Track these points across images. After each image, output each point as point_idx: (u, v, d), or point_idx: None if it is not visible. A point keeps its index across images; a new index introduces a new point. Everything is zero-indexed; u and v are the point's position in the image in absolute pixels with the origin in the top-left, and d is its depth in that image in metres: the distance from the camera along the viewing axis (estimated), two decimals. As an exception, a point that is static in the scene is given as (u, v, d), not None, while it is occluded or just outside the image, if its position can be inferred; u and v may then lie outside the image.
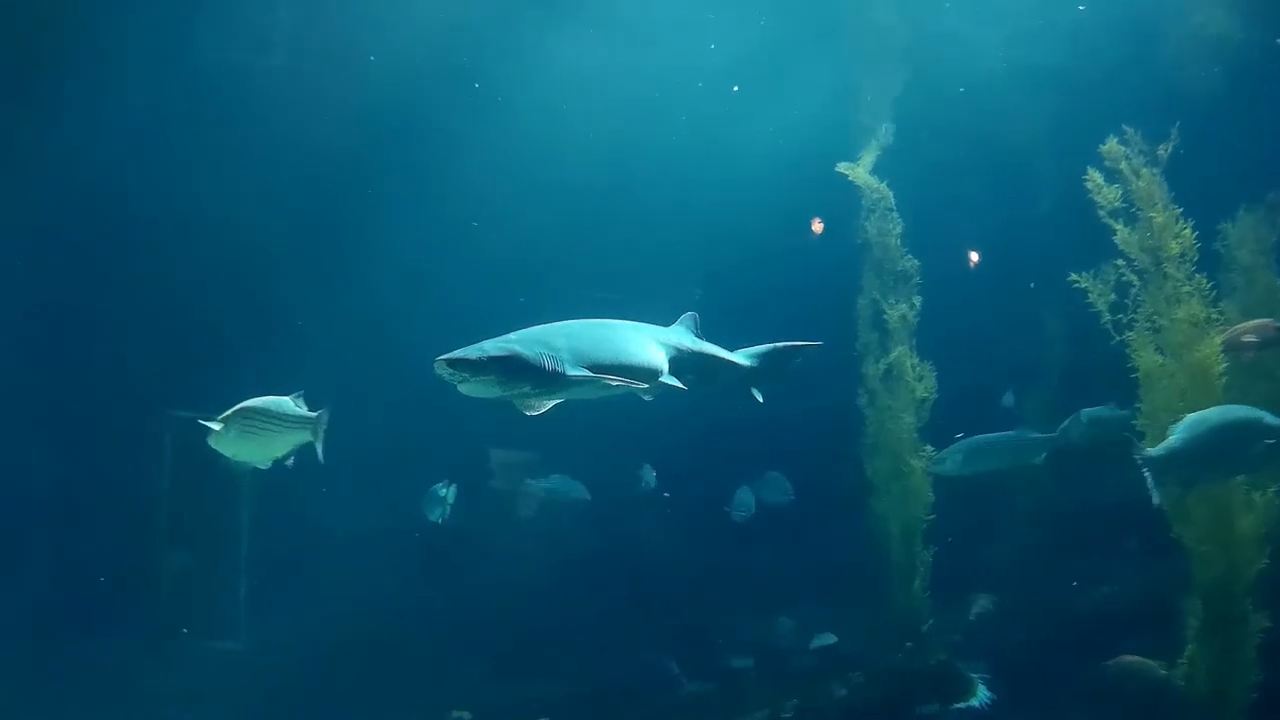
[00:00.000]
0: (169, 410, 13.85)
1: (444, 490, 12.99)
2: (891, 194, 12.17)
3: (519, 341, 7.41)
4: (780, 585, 13.90)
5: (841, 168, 12.23)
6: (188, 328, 13.19)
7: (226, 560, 14.20)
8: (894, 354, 12.10)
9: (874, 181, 12.19)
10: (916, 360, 12.03)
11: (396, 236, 13.41)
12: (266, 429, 7.86)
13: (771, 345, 9.32)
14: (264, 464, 8.17)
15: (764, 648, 13.62)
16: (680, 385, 8.32)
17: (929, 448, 11.94)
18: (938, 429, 12.02)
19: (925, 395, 11.98)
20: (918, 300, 12.09)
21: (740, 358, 9.20)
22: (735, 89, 14.21)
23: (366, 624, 13.24)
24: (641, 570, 14.14)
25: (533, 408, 7.60)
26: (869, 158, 12.25)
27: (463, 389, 7.21)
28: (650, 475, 14.19)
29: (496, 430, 13.81)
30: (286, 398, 7.95)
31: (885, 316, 12.16)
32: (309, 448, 8.10)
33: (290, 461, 8.21)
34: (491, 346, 7.30)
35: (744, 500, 13.78)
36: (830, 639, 13.14)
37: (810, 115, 13.09)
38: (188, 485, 13.98)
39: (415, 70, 13.21)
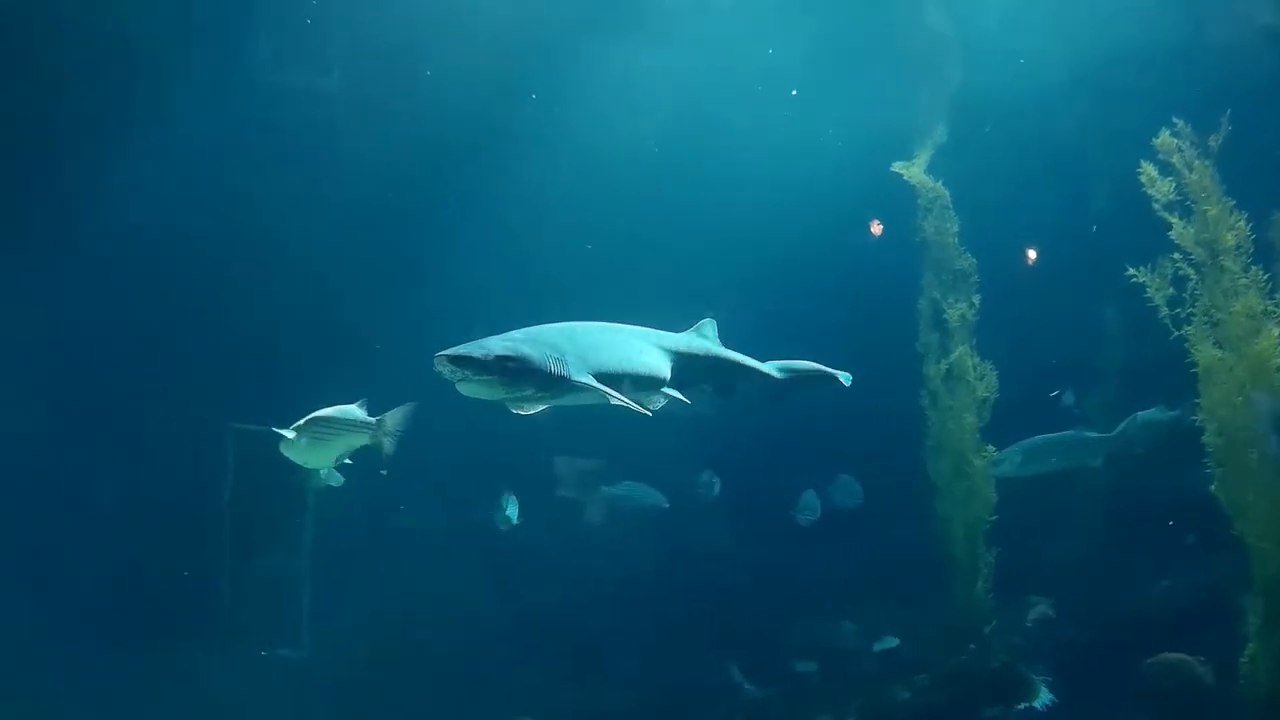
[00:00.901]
0: (232, 423, 14.46)
1: (509, 499, 13.36)
2: (948, 192, 12.50)
3: (525, 342, 7.21)
4: (843, 587, 14.17)
5: (897, 167, 12.59)
6: (252, 342, 13.70)
7: (289, 568, 14.68)
8: (955, 354, 12.40)
9: (929, 180, 12.54)
10: (977, 360, 12.33)
11: (455, 249, 13.83)
12: (334, 436, 8.24)
13: (803, 364, 9.22)
14: (327, 467, 8.62)
15: (827, 651, 13.90)
16: (682, 397, 8.09)
17: (990, 448, 12.23)
18: (999, 428, 12.30)
19: (986, 395, 12.28)
20: (977, 299, 12.39)
21: (770, 368, 9.06)
22: (794, 93, 14.55)
23: (430, 632, 13.65)
24: (704, 575, 14.46)
25: (523, 408, 7.50)
26: (924, 157, 12.62)
27: (462, 388, 7.02)
28: (713, 481, 14.62)
29: (561, 436, 14.28)
30: (353, 405, 8.29)
31: (945, 316, 12.46)
32: (375, 456, 8.36)
33: (348, 461, 8.57)
34: (497, 345, 7.10)
35: (809, 503, 14.10)
36: (893, 641, 13.36)
37: (865, 116, 13.44)
38: (250, 495, 14.47)
39: (473, 84, 13.67)
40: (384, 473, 8.35)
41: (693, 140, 14.18)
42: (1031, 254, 14.90)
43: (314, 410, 8.27)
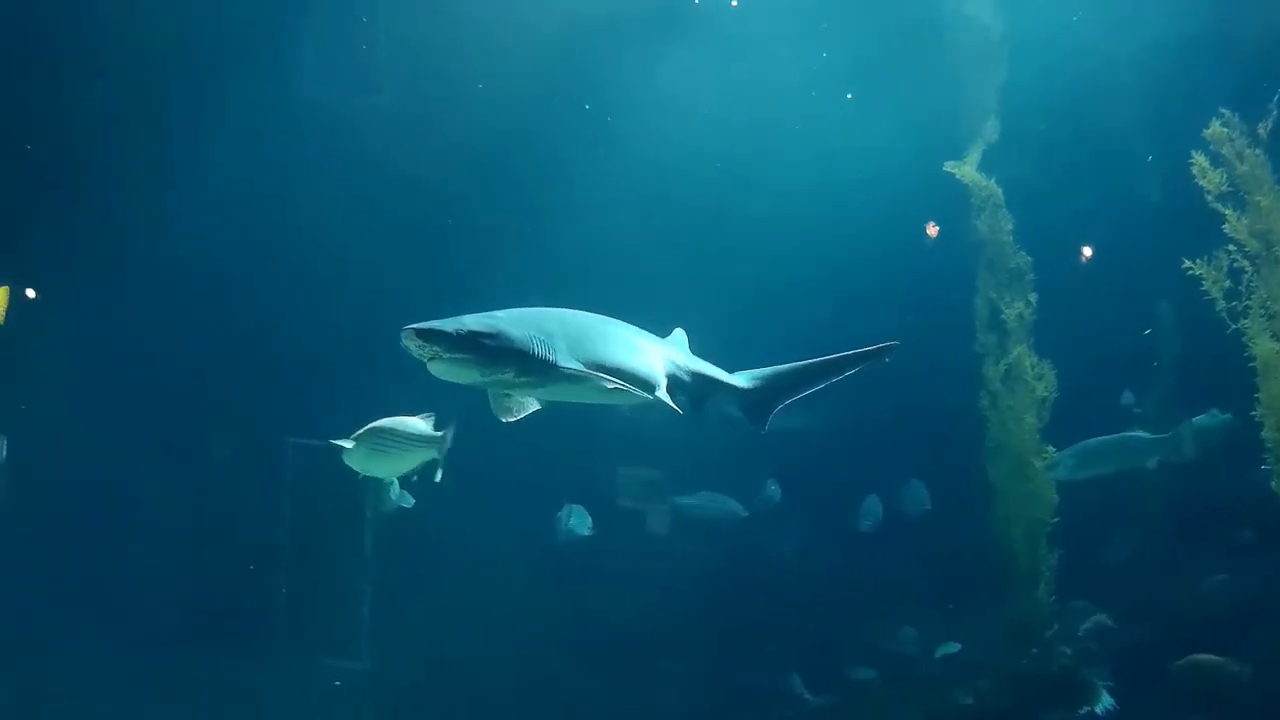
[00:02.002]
0: (289, 437, 15.20)
1: (573, 510, 13.91)
2: (1000, 190, 12.79)
3: (508, 320, 6.79)
4: (903, 592, 14.49)
5: (949, 167, 12.90)
6: (306, 358, 14.30)
7: (348, 580, 15.28)
8: (1013, 353, 12.63)
9: (982, 179, 12.84)
10: (1035, 359, 12.55)
11: (505, 262, 14.12)
12: (394, 447, 8.46)
13: (778, 368, 8.53)
14: (391, 479, 8.92)
15: (887, 656, 14.17)
16: (675, 406, 7.79)
17: (1050, 449, 12.44)
18: (1059, 428, 12.53)
19: (1045, 394, 12.49)
20: (1033, 298, 12.63)
21: (740, 380, 8.49)
22: (849, 96, 14.96)
23: (491, 643, 14.14)
24: (765, 583, 14.89)
25: (510, 410, 7.18)
26: (975, 155, 12.93)
27: (433, 369, 6.65)
28: (774, 489, 15.03)
29: (623, 446, 14.77)
30: (415, 418, 8.51)
31: (1002, 316, 12.69)
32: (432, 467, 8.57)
33: (414, 479, 8.91)
34: (472, 320, 6.65)
35: (871, 509, 14.48)
36: (954, 646, 13.61)
37: (915, 116, 13.86)
38: (309, 508, 15.17)
39: (523, 95, 14.23)
40: (438, 480, 8.44)
41: (743, 147, 14.63)
42: (1087, 251, 15.16)
43: (372, 421, 8.51)
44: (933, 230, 15.23)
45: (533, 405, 7.31)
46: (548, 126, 14.55)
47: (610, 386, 7.06)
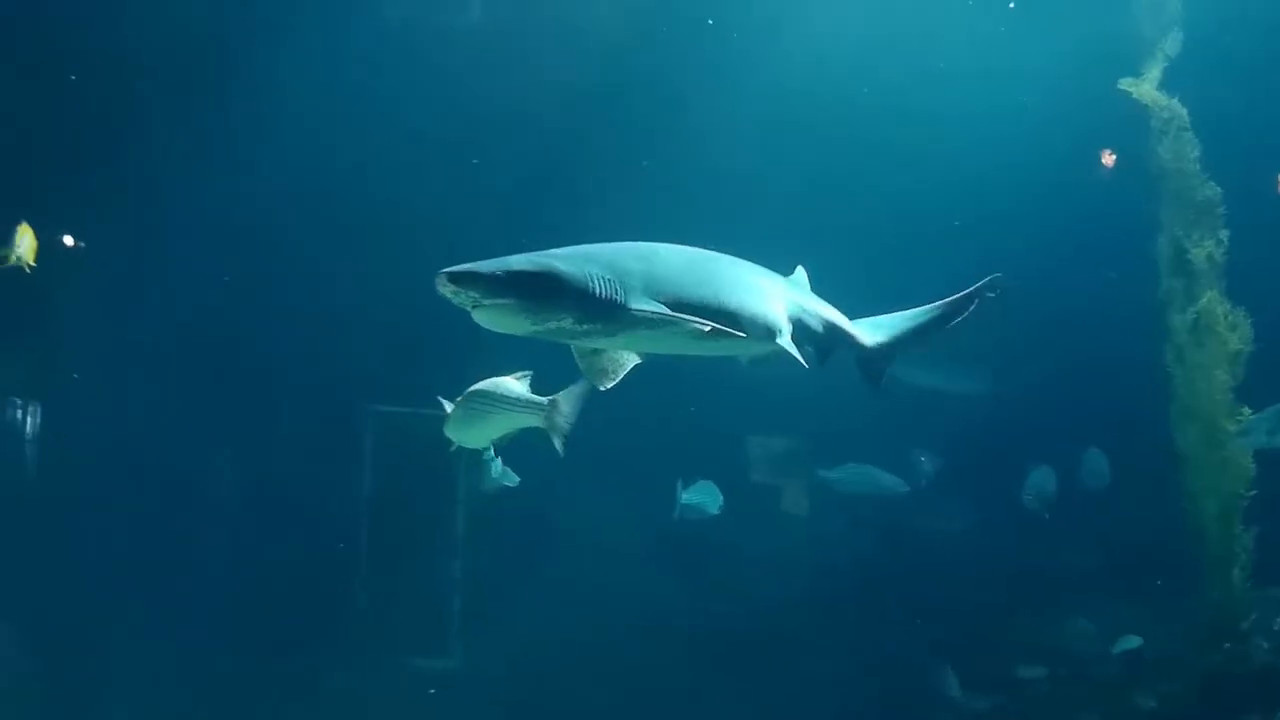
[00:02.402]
0: (371, 405, 14.95)
1: (696, 486, 13.37)
2: (1185, 111, 12.25)
3: (565, 257, 6.23)
4: (1075, 579, 14.08)
5: (1124, 84, 12.37)
6: (388, 313, 13.79)
7: (438, 568, 14.98)
8: (1202, 300, 12.10)
9: (1163, 98, 12.31)
10: (1228, 306, 12.03)
11: (613, 208, 13.77)
12: (494, 412, 8.07)
13: (892, 317, 8.01)
14: (492, 457, 8.60)
15: (1058, 653, 13.74)
16: (800, 358, 7.15)
17: (1246, 410, 11.84)
18: (1256, 388, 11.92)
19: (1240, 348, 11.97)
20: (1225, 235, 12.11)
21: (859, 330, 7.96)
22: (1011, 5, 14.35)
23: (599, 639, 13.73)
24: (918, 568, 14.37)
25: (603, 371, 6.69)
26: (1155, 72, 12.37)
27: (477, 317, 6.13)
28: (928, 461, 14.62)
29: (755, 414, 14.30)
30: (509, 378, 8.05)
31: (1189, 257, 12.19)
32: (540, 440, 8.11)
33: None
34: (519, 260, 6.12)
35: (1038, 484, 13.87)
36: (1135, 641, 13.11)
37: (1087, 27, 13.21)
38: (393, 486, 14.91)
39: (635, 7, 13.79)
40: (560, 457, 7.81)
41: (889, 68, 14.00)
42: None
43: (473, 384, 8.03)
44: (1109, 159, 14.63)
45: (629, 361, 6.76)
46: (663, 45, 13.97)
47: (706, 329, 6.29)
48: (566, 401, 7.66)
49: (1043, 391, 13.91)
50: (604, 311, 6.13)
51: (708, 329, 6.28)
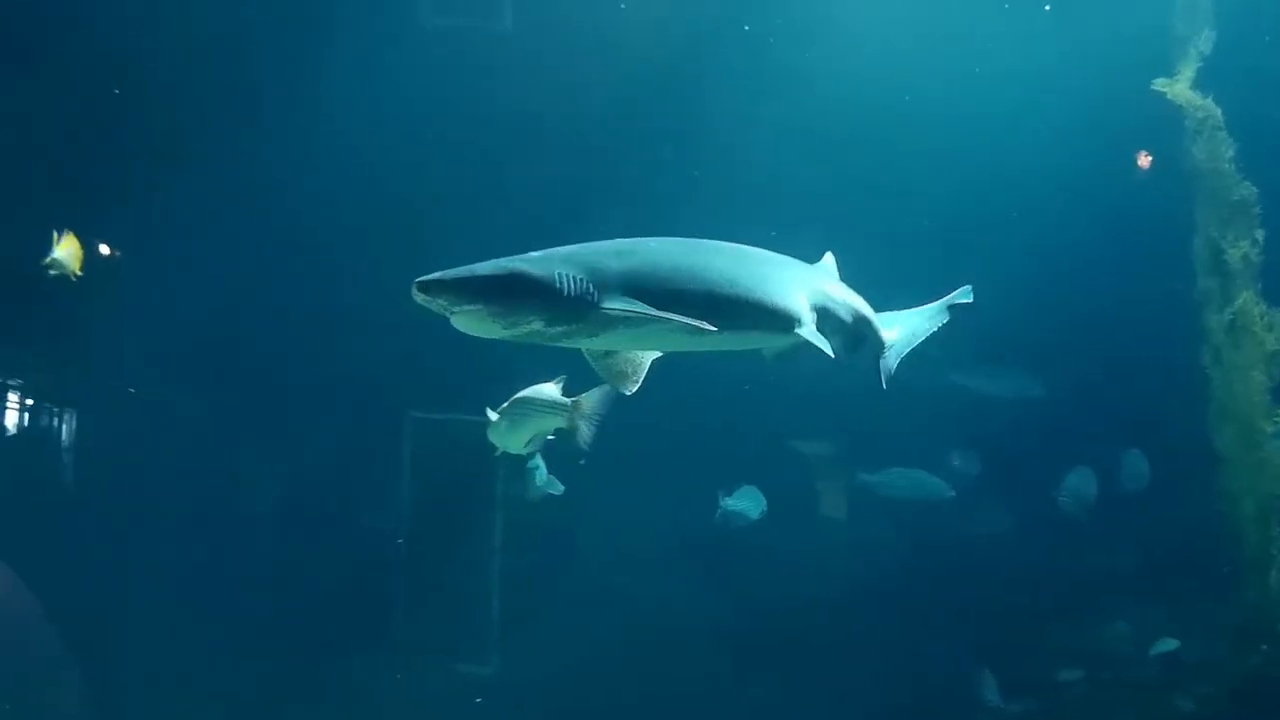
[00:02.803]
0: (410, 411, 14.99)
1: (740, 491, 13.45)
2: (1219, 111, 12.16)
3: (538, 259, 6.17)
4: (1112, 580, 14.05)
5: (1158, 84, 12.31)
6: (426, 323, 13.89)
7: (475, 573, 14.99)
8: (1238, 300, 12.03)
9: (1197, 98, 12.24)
10: (1264, 307, 11.95)
11: (652, 211, 13.82)
12: (531, 417, 8.38)
13: (899, 314, 8.09)
14: (538, 464, 8.68)
15: (1095, 656, 13.77)
16: (825, 348, 6.89)
17: (1282, 411, 11.95)
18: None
19: (1277, 348, 11.89)
20: (1261, 235, 12.03)
21: (888, 324, 7.97)
22: (1047, 8, 14.28)
23: (637, 646, 13.72)
24: (955, 570, 14.31)
25: (621, 374, 6.71)
26: (1188, 71, 12.30)
27: (456, 323, 6.13)
28: (967, 463, 14.63)
29: (793, 417, 14.42)
30: (548, 384, 8.30)
31: (1225, 257, 12.12)
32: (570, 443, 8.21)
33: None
34: (487, 264, 6.12)
35: (1075, 486, 13.87)
36: (1172, 644, 13.14)
37: (1117, 29, 13.08)
38: (431, 492, 14.96)
39: (671, 12, 13.84)
40: (582, 461, 8.19)
41: (923, 69, 13.97)
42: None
43: (512, 393, 8.40)
44: (1144, 160, 14.56)
45: (644, 362, 6.77)
46: (700, 52, 13.96)
47: (693, 325, 6.10)
48: (589, 401, 7.81)
49: (1079, 393, 13.90)
50: (574, 311, 6.09)
51: (694, 324, 6.11)
